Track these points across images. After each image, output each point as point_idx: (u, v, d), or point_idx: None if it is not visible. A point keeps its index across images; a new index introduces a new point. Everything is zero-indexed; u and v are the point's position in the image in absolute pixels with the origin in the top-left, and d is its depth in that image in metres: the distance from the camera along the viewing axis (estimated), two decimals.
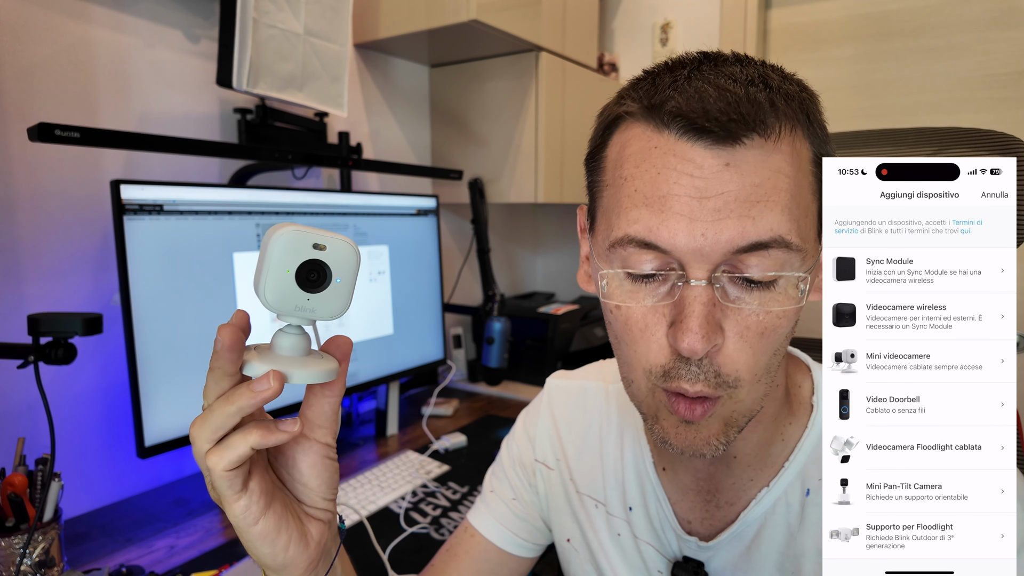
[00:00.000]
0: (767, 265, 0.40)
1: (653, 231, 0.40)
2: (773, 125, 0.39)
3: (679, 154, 0.39)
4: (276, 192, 1.08)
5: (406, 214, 1.35)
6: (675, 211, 0.39)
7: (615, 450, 0.60)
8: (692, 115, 0.39)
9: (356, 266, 0.39)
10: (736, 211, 0.38)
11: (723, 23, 1.84)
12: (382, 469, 1.14)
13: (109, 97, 1.06)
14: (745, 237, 0.39)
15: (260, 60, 1.10)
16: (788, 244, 0.39)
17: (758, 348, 0.41)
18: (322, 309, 0.38)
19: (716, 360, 0.41)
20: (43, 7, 0.97)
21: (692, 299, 0.39)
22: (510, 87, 1.60)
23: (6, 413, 0.94)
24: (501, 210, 2.05)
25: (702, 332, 0.39)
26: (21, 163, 0.95)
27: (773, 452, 0.52)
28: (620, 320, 0.44)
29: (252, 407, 0.36)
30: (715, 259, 0.39)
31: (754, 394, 0.43)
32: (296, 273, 0.37)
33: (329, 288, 0.38)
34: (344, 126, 1.49)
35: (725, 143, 0.39)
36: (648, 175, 0.41)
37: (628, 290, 0.43)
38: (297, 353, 0.39)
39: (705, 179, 0.39)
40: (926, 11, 1.64)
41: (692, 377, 0.41)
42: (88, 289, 1.04)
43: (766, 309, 0.40)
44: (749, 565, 0.51)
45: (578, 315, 1.75)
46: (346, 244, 0.38)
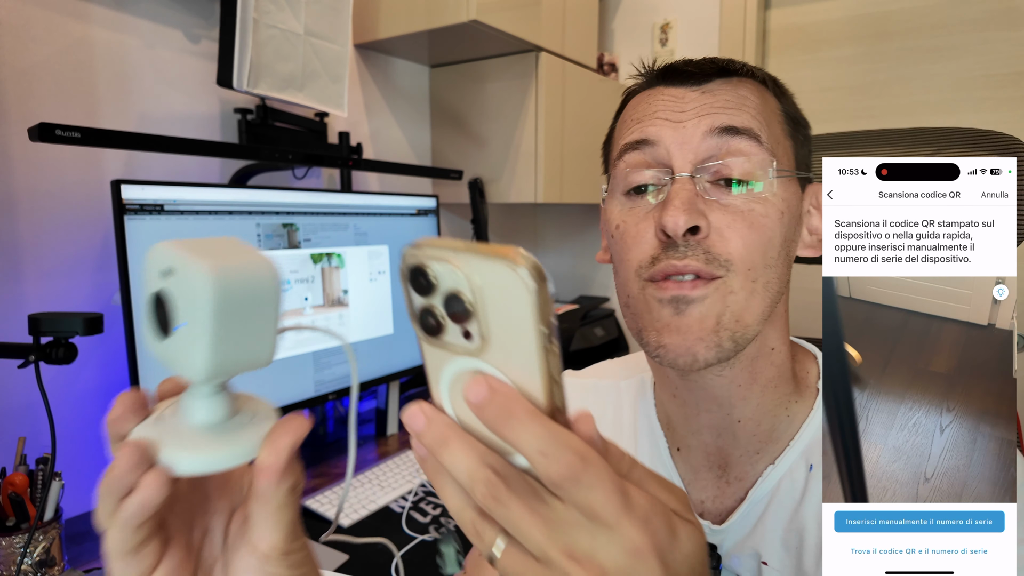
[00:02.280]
0: (742, 164, 0.46)
1: (647, 131, 0.49)
2: (739, 72, 0.50)
3: (665, 92, 0.50)
4: (276, 192, 1.08)
5: (406, 214, 1.36)
6: (660, 117, 0.49)
7: (629, 439, 0.62)
8: (675, 67, 0.51)
9: (215, 303, 0.25)
10: (711, 112, 0.47)
11: (723, 23, 1.84)
12: (382, 469, 1.14)
13: (110, 97, 1.06)
14: (722, 121, 0.47)
15: (260, 60, 1.10)
16: (758, 137, 0.47)
17: (746, 239, 0.46)
18: (178, 362, 0.27)
19: (704, 243, 0.46)
20: (43, 7, 0.97)
21: (676, 189, 0.46)
22: (510, 87, 1.60)
23: (7, 413, 0.94)
24: (501, 210, 2.05)
25: (683, 207, 0.45)
26: (22, 163, 0.95)
27: (779, 427, 0.53)
28: (619, 238, 0.50)
29: (121, 518, 0.27)
30: (695, 146, 0.47)
31: (748, 293, 0.46)
32: (148, 310, 0.28)
33: (175, 334, 0.27)
34: (344, 126, 1.49)
35: (701, 81, 0.49)
36: (640, 108, 0.51)
37: (627, 208, 0.50)
38: (204, 421, 0.28)
39: (683, 102, 0.49)
40: (926, 11, 1.64)
41: (680, 255, 0.45)
42: (89, 289, 1.04)
43: (748, 207, 0.46)
44: (757, 542, 0.52)
45: (578, 315, 1.75)
46: (200, 270, 0.25)
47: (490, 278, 0.24)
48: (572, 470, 0.24)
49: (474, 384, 0.25)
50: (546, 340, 0.24)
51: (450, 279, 0.24)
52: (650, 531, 0.25)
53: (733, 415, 0.53)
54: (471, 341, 0.25)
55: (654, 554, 0.25)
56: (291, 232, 1.11)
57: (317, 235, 1.15)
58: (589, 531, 0.24)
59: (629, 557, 0.24)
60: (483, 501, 0.25)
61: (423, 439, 0.26)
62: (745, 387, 0.51)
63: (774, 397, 0.53)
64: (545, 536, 0.24)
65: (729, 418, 0.53)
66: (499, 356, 0.25)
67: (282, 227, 1.09)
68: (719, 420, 0.53)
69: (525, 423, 0.24)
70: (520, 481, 0.25)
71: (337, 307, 1.20)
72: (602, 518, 0.24)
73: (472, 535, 0.27)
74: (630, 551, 0.24)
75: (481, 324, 0.24)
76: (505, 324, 0.24)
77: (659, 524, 0.25)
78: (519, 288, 0.23)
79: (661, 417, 0.60)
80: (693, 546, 0.26)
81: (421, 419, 0.26)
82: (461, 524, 0.27)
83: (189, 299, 0.26)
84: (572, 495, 0.24)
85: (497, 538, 0.26)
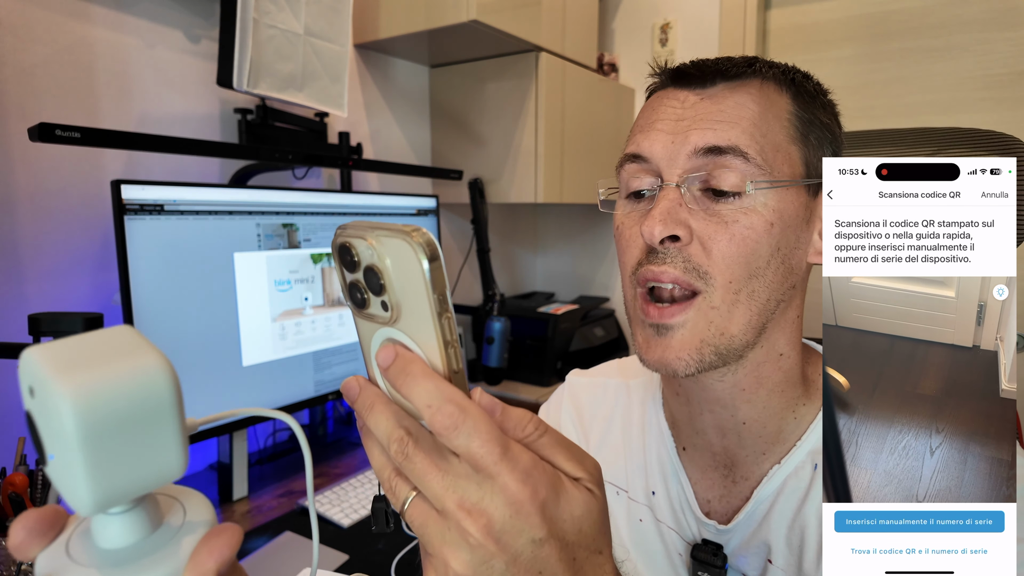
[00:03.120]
0: (727, 178, 0.47)
1: (638, 146, 0.50)
2: (743, 74, 0.49)
3: (670, 95, 0.51)
4: (276, 192, 1.08)
5: (406, 214, 1.36)
6: (658, 129, 0.50)
7: (638, 438, 0.62)
8: (683, 68, 0.51)
9: (79, 431, 0.22)
10: (701, 126, 0.48)
11: (723, 23, 1.84)
12: None
13: (110, 97, 1.06)
14: (705, 140, 0.47)
15: (260, 60, 1.10)
16: (745, 155, 0.47)
17: (727, 252, 0.46)
18: (64, 492, 0.23)
19: (685, 251, 0.47)
20: (44, 7, 0.97)
21: (661, 197, 0.48)
22: (510, 87, 1.60)
23: (6, 413, 0.94)
24: (501, 210, 2.05)
25: (660, 217, 0.46)
26: (22, 163, 0.95)
27: (786, 429, 0.53)
28: (618, 239, 0.52)
29: None
30: (681, 161, 0.48)
31: (730, 305, 0.47)
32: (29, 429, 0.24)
33: (51, 463, 0.23)
34: (344, 126, 1.49)
35: (704, 84, 0.50)
36: (647, 113, 0.52)
37: (626, 211, 0.52)
38: (115, 544, 0.25)
39: (684, 108, 0.50)
40: (926, 11, 1.64)
41: (659, 261, 0.47)
42: (89, 289, 1.04)
43: (734, 218, 0.47)
44: (762, 541, 0.52)
45: (578, 315, 1.75)
46: (59, 391, 0.21)
47: (395, 254, 0.26)
48: (452, 419, 0.26)
49: (382, 350, 0.29)
50: (439, 308, 0.26)
51: (368, 255, 0.27)
52: (530, 485, 0.27)
53: (737, 417, 0.53)
54: (387, 312, 0.28)
55: (536, 508, 0.27)
56: (291, 232, 1.11)
57: (317, 235, 1.15)
58: (477, 483, 0.27)
59: (511, 508, 0.27)
60: (395, 458, 0.28)
61: (355, 406, 0.30)
62: (750, 391, 0.51)
63: (781, 400, 0.53)
64: (443, 488, 0.27)
65: (733, 419, 0.53)
66: (407, 324, 0.28)
67: (282, 227, 1.09)
68: (723, 421, 0.53)
69: (418, 380, 0.27)
70: (428, 440, 0.28)
71: (337, 307, 1.20)
72: (483, 467, 0.27)
73: (388, 491, 0.30)
74: (511, 502, 0.27)
75: (391, 296, 0.27)
76: (408, 295, 0.27)
77: (540, 480, 0.28)
78: (414, 262, 0.26)
79: (668, 416, 0.60)
80: (583, 511, 0.29)
81: (355, 388, 0.30)
82: (381, 481, 0.30)
83: (53, 426, 0.22)
84: (454, 443, 0.27)
85: (408, 493, 0.29)
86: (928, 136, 0.68)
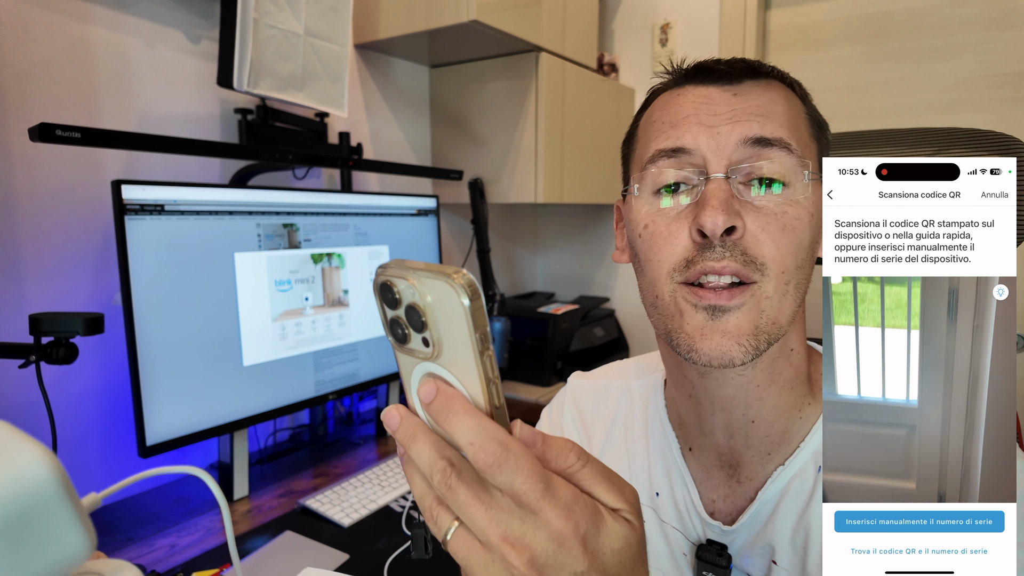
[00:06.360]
0: (775, 168, 0.47)
1: (678, 139, 0.49)
2: (768, 73, 0.51)
3: (696, 93, 0.50)
4: (276, 192, 1.08)
5: (406, 214, 1.36)
6: (694, 122, 0.48)
7: (641, 439, 0.62)
8: (706, 66, 0.51)
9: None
10: (745, 118, 0.48)
11: (723, 24, 1.84)
12: (383, 468, 1.14)
13: (110, 97, 1.06)
14: (754, 131, 0.47)
15: (260, 60, 1.10)
16: (789, 147, 0.47)
17: (780, 241, 0.46)
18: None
19: (741, 243, 0.46)
20: (44, 7, 0.97)
21: (713, 189, 0.46)
22: (510, 87, 1.60)
23: (7, 413, 0.94)
24: (501, 210, 2.05)
25: (722, 207, 0.44)
26: (22, 163, 0.95)
27: (792, 428, 0.53)
28: (646, 239, 0.50)
29: None
30: (729, 151, 0.47)
31: (781, 295, 0.46)
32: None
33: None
34: (344, 126, 1.49)
35: (732, 81, 0.50)
36: (671, 110, 0.51)
37: (656, 209, 0.49)
38: None
39: (716, 103, 0.49)
40: (926, 11, 1.64)
41: (718, 256, 0.45)
42: (89, 289, 1.04)
43: (782, 209, 0.46)
44: (767, 542, 0.53)
45: (578, 315, 1.75)
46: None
47: (437, 294, 0.27)
48: (495, 457, 0.27)
49: (424, 385, 0.29)
50: (481, 346, 0.27)
51: (409, 294, 0.28)
52: (572, 520, 0.27)
53: (748, 415, 0.53)
54: (429, 348, 0.29)
55: (578, 542, 0.27)
56: (291, 232, 1.11)
57: (317, 235, 1.15)
58: (520, 517, 0.28)
59: (553, 542, 0.27)
60: (438, 488, 0.29)
61: (396, 435, 0.30)
62: (763, 387, 0.52)
63: (790, 398, 0.53)
64: (486, 521, 0.28)
65: (744, 418, 0.53)
66: (448, 361, 0.29)
67: (282, 227, 1.09)
68: (733, 420, 0.53)
69: (460, 416, 0.28)
70: (470, 472, 0.29)
71: (337, 307, 1.20)
72: (526, 504, 0.27)
73: (429, 519, 0.30)
74: (554, 536, 0.27)
75: (433, 333, 0.28)
76: (450, 333, 0.28)
77: (582, 515, 0.28)
78: (457, 303, 0.26)
79: (673, 417, 0.60)
80: (622, 544, 0.29)
81: (396, 418, 0.30)
82: (423, 510, 0.31)
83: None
84: (497, 480, 0.27)
85: (450, 523, 0.30)
86: (928, 136, 0.68)
